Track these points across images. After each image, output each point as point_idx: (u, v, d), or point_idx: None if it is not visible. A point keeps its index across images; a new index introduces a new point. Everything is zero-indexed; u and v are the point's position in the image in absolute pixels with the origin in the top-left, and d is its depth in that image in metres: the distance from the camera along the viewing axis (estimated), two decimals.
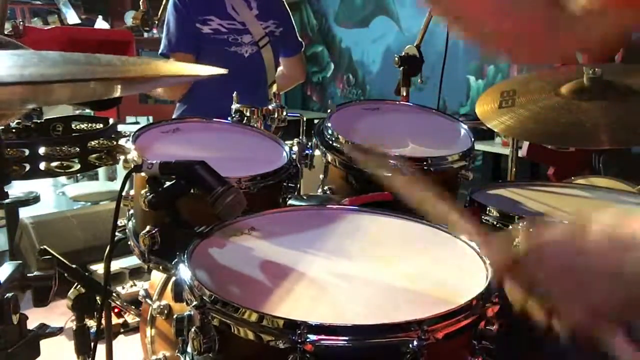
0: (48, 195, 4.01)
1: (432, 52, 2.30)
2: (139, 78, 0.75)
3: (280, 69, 2.48)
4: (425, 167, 1.28)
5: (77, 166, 1.75)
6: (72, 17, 5.22)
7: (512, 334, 0.80)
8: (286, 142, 1.37)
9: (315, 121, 1.51)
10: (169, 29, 2.25)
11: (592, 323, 0.57)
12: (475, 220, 0.78)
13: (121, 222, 1.29)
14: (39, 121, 1.72)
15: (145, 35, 4.66)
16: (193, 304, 0.77)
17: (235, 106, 1.52)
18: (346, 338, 0.69)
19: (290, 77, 2.56)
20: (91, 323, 1.27)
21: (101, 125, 1.92)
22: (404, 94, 1.97)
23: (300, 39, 2.52)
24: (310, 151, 1.38)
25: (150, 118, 4.39)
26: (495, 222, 1.24)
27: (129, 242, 1.25)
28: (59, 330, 1.11)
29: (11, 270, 0.99)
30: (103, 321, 1.24)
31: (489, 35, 0.65)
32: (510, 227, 0.67)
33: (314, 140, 1.41)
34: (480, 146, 3.93)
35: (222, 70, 0.87)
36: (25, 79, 0.59)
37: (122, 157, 1.26)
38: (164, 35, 2.29)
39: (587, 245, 0.59)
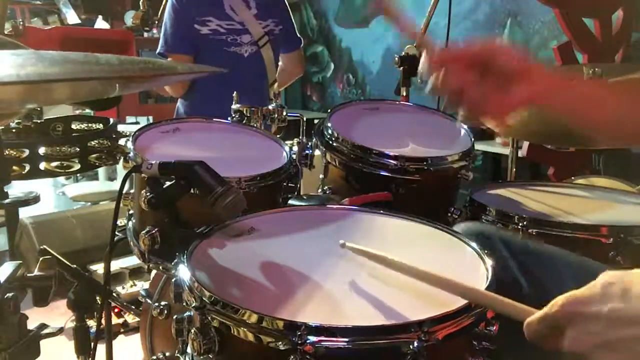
0: (48, 195, 4.01)
1: None
2: (137, 77, 0.75)
3: (279, 64, 2.48)
4: (425, 167, 1.28)
5: (77, 166, 1.75)
6: (72, 17, 5.22)
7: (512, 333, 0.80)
8: (286, 142, 1.36)
9: (315, 121, 1.51)
10: (167, 29, 2.25)
11: None
12: None
13: (121, 222, 1.29)
14: (39, 121, 1.72)
15: (145, 35, 4.66)
16: (193, 305, 0.77)
17: (235, 106, 1.51)
18: (346, 339, 0.69)
19: (289, 73, 2.56)
20: (91, 323, 1.27)
21: (101, 125, 1.92)
22: (404, 94, 1.97)
23: (299, 34, 2.52)
24: (310, 151, 1.38)
25: (150, 118, 4.38)
26: (495, 222, 1.24)
27: (130, 242, 1.25)
28: (59, 330, 1.11)
29: (11, 270, 0.99)
30: (103, 321, 1.23)
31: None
32: None
33: (314, 140, 1.41)
34: (480, 146, 3.92)
35: (219, 69, 0.87)
36: (22, 79, 0.59)
37: (122, 157, 1.26)
38: (161, 34, 2.29)
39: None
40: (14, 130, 1.71)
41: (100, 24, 5.24)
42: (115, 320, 2.39)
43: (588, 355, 0.53)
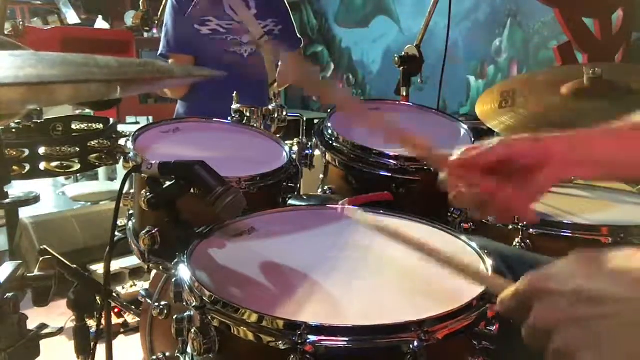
0: (48, 195, 4.01)
1: (432, 52, 2.30)
2: (137, 79, 0.75)
3: (279, 64, 2.48)
4: (425, 167, 1.28)
5: (77, 166, 1.75)
6: (72, 17, 5.22)
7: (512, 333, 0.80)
8: (286, 142, 1.37)
9: (315, 121, 1.51)
10: (168, 31, 2.26)
11: None
12: None
13: (121, 222, 1.29)
14: (39, 121, 1.72)
15: (145, 35, 4.66)
16: (193, 305, 0.77)
17: (235, 106, 1.52)
18: (346, 339, 0.69)
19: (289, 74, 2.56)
20: (91, 323, 1.27)
21: (101, 125, 1.92)
22: (404, 94, 1.97)
23: (299, 35, 2.52)
24: (310, 151, 1.38)
25: (150, 118, 4.38)
26: (495, 222, 1.24)
27: (130, 242, 1.25)
28: (59, 330, 1.11)
29: (11, 270, 0.99)
30: (103, 321, 1.23)
31: None
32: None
33: (314, 140, 1.41)
34: None
35: (218, 73, 0.87)
36: (21, 80, 0.59)
37: (122, 157, 1.26)
38: (162, 36, 2.30)
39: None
40: (14, 130, 1.71)
41: (100, 24, 5.24)
42: (115, 320, 2.39)
43: (552, 332, 0.53)
